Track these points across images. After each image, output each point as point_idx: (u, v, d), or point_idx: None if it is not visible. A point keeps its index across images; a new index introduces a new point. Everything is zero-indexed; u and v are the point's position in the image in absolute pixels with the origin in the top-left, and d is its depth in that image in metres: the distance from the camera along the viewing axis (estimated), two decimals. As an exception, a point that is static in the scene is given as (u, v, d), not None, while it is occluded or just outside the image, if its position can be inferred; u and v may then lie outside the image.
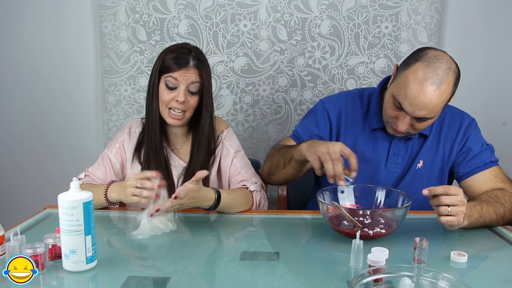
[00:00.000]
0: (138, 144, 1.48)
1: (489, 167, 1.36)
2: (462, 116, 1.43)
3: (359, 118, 1.46)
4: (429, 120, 1.29)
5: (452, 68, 1.25)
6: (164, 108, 1.40)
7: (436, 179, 1.42)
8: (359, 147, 1.44)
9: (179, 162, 1.48)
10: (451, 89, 1.25)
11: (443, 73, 1.23)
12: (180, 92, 1.37)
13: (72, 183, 0.97)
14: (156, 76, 1.40)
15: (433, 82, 1.22)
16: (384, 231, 1.13)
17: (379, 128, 1.43)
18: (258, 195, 1.43)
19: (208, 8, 2.06)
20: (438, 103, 1.24)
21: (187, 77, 1.37)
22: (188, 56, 1.38)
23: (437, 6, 2.05)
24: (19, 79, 2.26)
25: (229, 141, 1.51)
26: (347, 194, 1.27)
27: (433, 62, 1.23)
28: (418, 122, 1.29)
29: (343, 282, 0.94)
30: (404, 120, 1.28)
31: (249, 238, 1.22)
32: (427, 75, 1.22)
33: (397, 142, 1.42)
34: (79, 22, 2.18)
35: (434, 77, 1.22)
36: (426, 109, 1.24)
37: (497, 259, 1.11)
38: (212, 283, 0.96)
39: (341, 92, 1.55)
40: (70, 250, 0.96)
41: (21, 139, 2.32)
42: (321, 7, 2.05)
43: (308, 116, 1.53)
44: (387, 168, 1.42)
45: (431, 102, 1.23)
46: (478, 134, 1.42)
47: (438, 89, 1.22)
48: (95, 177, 1.46)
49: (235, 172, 1.47)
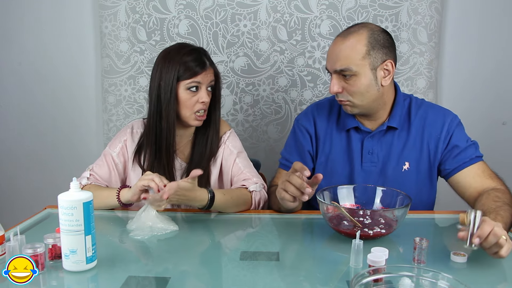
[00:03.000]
0: (138, 147, 1.48)
1: (475, 162, 1.37)
2: (445, 114, 1.43)
3: (332, 124, 1.49)
4: (355, 78, 1.32)
5: (368, 27, 1.34)
6: (190, 113, 1.41)
7: (425, 179, 1.42)
8: (335, 152, 1.46)
9: (181, 163, 1.49)
10: (364, 41, 1.31)
11: (353, 29, 1.34)
12: (203, 93, 1.40)
13: (72, 183, 0.97)
14: (174, 83, 1.38)
15: (341, 35, 1.35)
16: (384, 231, 1.13)
17: (352, 128, 1.45)
18: (257, 195, 1.43)
19: (208, 8, 2.06)
20: (347, 51, 1.30)
21: (207, 77, 1.41)
22: (203, 57, 1.42)
23: (437, 6, 2.05)
24: (19, 79, 2.27)
25: (232, 142, 1.52)
26: (347, 194, 1.28)
27: (351, 26, 1.36)
28: (346, 81, 1.33)
29: (343, 282, 0.94)
30: (332, 81, 1.35)
31: (249, 238, 1.22)
32: (340, 34, 1.36)
33: (369, 139, 1.43)
34: (79, 22, 2.18)
35: (344, 33, 1.35)
36: (338, 60, 1.31)
37: (497, 259, 1.11)
38: (212, 283, 0.96)
39: (312, 104, 1.59)
40: (70, 250, 0.96)
41: (21, 139, 2.32)
42: (321, 7, 2.05)
43: (290, 138, 1.57)
44: (364, 168, 1.43)
45: (340, 51, 1.31)
46: (462, 131, 1.43)
47: (344, 38, 1.32)
48: (99, 176, 1.46)
49: (237, 171, 1.48)
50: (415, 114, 1.43)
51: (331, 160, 1.46)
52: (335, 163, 1.46)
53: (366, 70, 1.31)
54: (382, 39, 1.33)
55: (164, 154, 1.43)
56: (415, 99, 1.47)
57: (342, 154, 1.46)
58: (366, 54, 1.30)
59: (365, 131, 1.43)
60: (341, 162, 1.46)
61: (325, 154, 1.48)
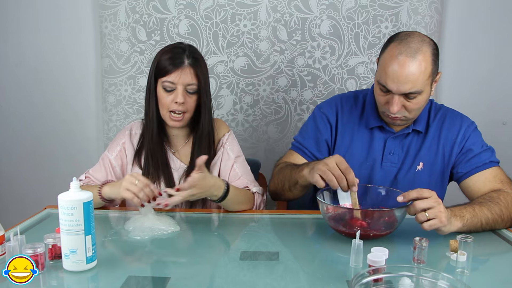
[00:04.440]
0: (138, 148, 1.48)
1: (489, 167, 1.35)
2: (462, 119, 1.44)
3: (355, 119, 1.47)
4: (418, 96, 1.29)
5: (426, 41, 1.28)
6: (166, 111, 1.39)
7: (436, 181, 1.42)
8: (355, 147, 1.45)
9: (180, 164, 1.48)
10: (429, 60, 1.26)
11: (416, 45, 1.26)
12: (178, 94, 1.36)
13: (72, 183, 0.97)
14: (152, 79, 1.39)
15: (407, 54, 1.25)
16: (384, 231, 1.13)
17: (375, 127, 1.43)
18: (259, 198, 1.44)
19: (208, 8, 2.06)
20: (418, 73, 1.25)
21: (183, 77, 1.35)
22: (183, 56, 1.36)
23: (437, 6, 2.05)
24: (18, 79, 2.26)
25: (230, 146, 1.51)
26: (346, 194, 1.27)
27: (405, 39, 1.28)
28: (408, 100, 1.29)
29: (343, 282, 0.94)
30: (394, 101, 1.29)
31: (249, 238, 1.22)
32: (401, 50, 1.26)
33: (392, 140, 1.42)
34: (79, 22, 2.18)
35: (407, 50, 1.25)
36: (408, 82, 1.25)
37: (497, 259, 1.12)
38: (212, 283, 0.96)
39: (336, 95, 1.56)
40: (70, 250, 0.96)
41: (21, 139, 2.32)
42: (321, 7, 2.05)
43: (308, 124, 1.54)
44: (383, 167, 1.43)
45: (410, 72, 1.24)
46: (478, 136, 1.42)
47: (414, 59, 1.25)
48: (95, 178, 1.46)
49: (234, 177, 1.47)
50: (433, 118, 1.43)
51: (349, 154, 1.44)
52: (354, 158, 1.43)
53: (428, 87, 1.30)
54: (438, 51, 1.30)
55: (155, 152, 1.43)
56: (435, 103, 1.47)
57: (361, 151, 1.44)
58: (431, 72, 1.28)
59: (389, 131, 1.42)
60: (360, 158, 1.44)
61: (344, 148, 1.46)
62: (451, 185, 1.45)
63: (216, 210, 1.44)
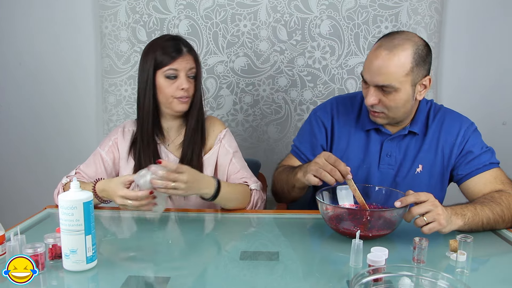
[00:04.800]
0: (132, 142, 1.49)
1: (489, 168, 1.35)
2: (461, 120, 1.42)
3: (351, 121, 1.47)
4: (394, 93, 1.27)
5: (413, 40, 1.27)
6: (170, 99, 1.42)
7: (436, 183, 1.42)
8: (352, 150, 1.45)
9: (173, 158, 1.49)
10: (409, 57, 1.25)
11: (398, 41, 1.25)
12: (182, 80, 1.40)
13: (72, 183, 0.97)
14: (151, 73, 1.41)
15: (386, 48, 1.25)
16: (384, 231, 1.13)
17: (372, 129, 1.43)
18: (257, 194, 1.43)
19: (208, 8, 2.06)
20: (392, 67, 1.24)
21: (184, 64, 1.41)
22: (180, 44, 1.43)
23: (437, 6, 2.05)
24: (19, 79, 2.26)
25: (228, 142, 1.52)
26: (346, 194, 1.28)
27: (392, 35, 1.28)
28: (384, 95, 1.29)
29: (343, 282, 0.94)
30: (369, 92, 1.30)
31: (249, 238, 1.22)
32: (382, 43, 1.27)
33: (388, 142, 1.42)
34: (79, 22, 2.19)
35: (388, 44, 1.26)
36: (381, 74, 1.25)
37: (497, 259, 1.12)
38: (212, 283, 0.96)
39: (332, 98, 1.56)
40: (70, 250, 0.96)
41: (21, 139, 2.32)
42: (321, 7, 2.05)
43: (304, 128, 1.55)
44: (380, 170, 1.42)
45: (383, 64, 1.24)
46: (478, 137, 1.41)
47: (390, 52, 1.24)
48: (85, 174, 1.48)
49: (234, 170, 1.48)
50: (432, 119, 1.42)
51: (346, 157, 1.44)
52: (350, 161, 1.43)
53: (406, 86, 1.28)
54: (425, 54, 1.28)
55: (148, 145, 1.45)
56: (434, 104, 1.46)
57: (358, 153, 1.44)
58: (410, 71, 1.26)
59: (386, 133, 1.42)
60: (357, 161, 1.44)
61: (340, 151, 1.46)
62: (451, 186, 1.45)
63: (216, 210, 1.44)
